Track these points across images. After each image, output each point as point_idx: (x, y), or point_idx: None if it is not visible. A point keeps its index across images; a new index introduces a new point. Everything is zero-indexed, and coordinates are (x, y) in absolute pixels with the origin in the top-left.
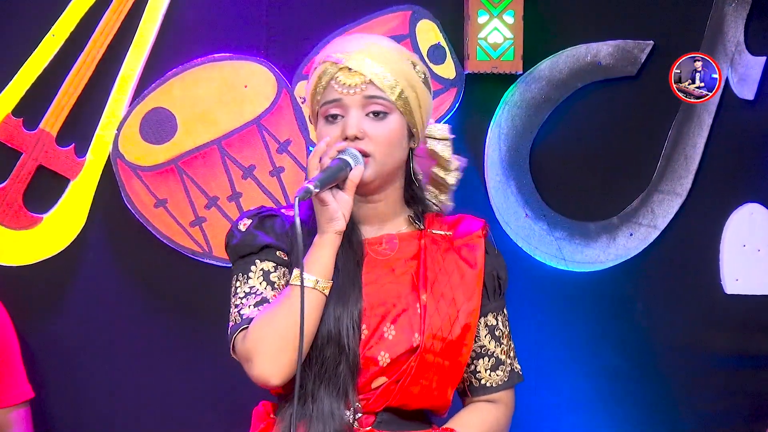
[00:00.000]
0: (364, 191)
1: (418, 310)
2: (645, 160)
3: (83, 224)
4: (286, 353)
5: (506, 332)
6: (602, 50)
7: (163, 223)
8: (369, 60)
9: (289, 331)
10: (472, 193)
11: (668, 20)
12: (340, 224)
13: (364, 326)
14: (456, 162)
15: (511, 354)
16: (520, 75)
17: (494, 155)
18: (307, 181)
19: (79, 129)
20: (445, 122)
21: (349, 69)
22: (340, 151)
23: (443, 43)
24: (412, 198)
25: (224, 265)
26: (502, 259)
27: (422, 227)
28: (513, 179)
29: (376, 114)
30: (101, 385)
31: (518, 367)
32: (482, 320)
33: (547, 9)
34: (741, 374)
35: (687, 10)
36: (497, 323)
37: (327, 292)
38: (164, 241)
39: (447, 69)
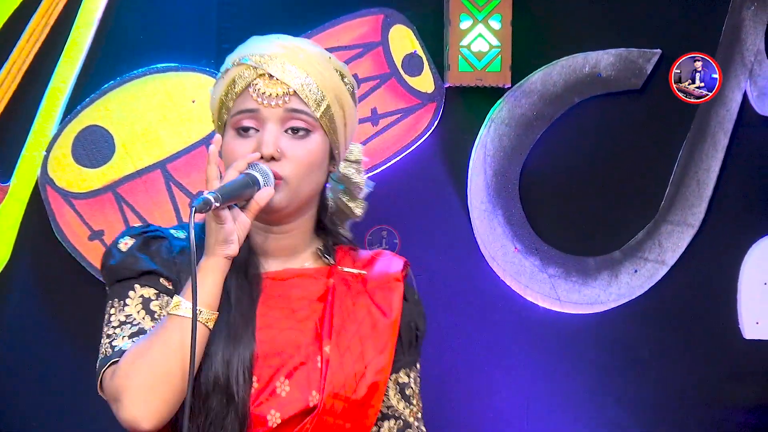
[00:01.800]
0: (271, 219)
1: (319, 364)
2: (652, 186)
3: (7, 259)
4: (159, 393)
5: (417, 391)
6: (602, 60)
7: (99, 258)
8: (293, 67)
9: (163, 366)
10: (453, 223)
11: (678, 26)
12: (233, 248)
13: (254, 377)
14: (365, 190)
15: (419, 416)
16: (509, 88)
17: (479, 180)
18: (206, 191)
19: (2, 150)
20: (421, 142)
21: (270, 76)
22: (249, 164)
23: (420, 52)
24: (323, 228)
25: None
26: (421, 307)
27: (332, 263)
28: (500, 208)
29: (295, 131)
30: None
31: (424, 430)
32: (393, 377)
33: (540, 13)
34: None
35: (699, 15)
36: (409, 381)
37: (211, 325)
38: (100, 278)
39: (424, 81)
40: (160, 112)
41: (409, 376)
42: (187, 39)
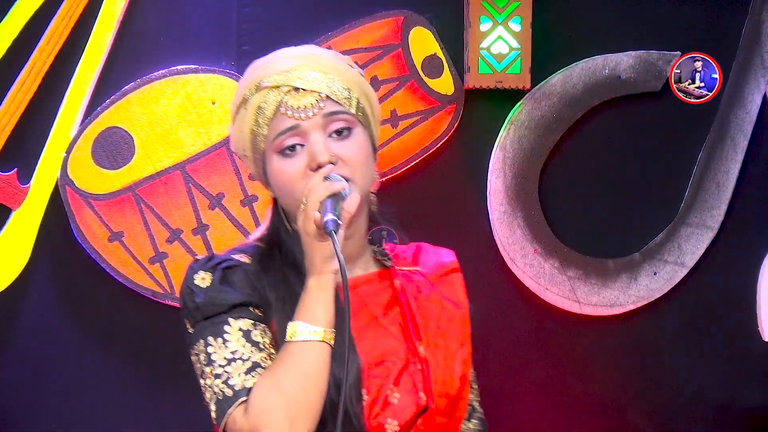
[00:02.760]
0: None
1: (418, 366)
2: (671, 189)
3: (27, 260)
4: (300, 422)
5: (474, 377)
6: (622, 62)
7: (119, 260)
8: (315, 73)
9: (300, 395)
10: (472, 225)
11: (697, 28)
12: (336, 264)
13: (363, 391)
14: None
15: (479, 399)
16: (528, 91)
17: (498, 182)
18: (324, 214)
19: (22, 151)
20: (441, 144)
21: (296, 89)
22: (325, 178)
23: (440, 54)
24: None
25: None
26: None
27: (390, 264)
28: (520, 210)
29: (339, 132)
30: None
31: (482, 412)
32: None
33: (559, 15)
34: None
35: (719, 17)
36: (471, 368)
37: (332, 343)
38: (120, 279)
39: (444, 83)
40: (180, 113)
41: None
42: (207, 41)
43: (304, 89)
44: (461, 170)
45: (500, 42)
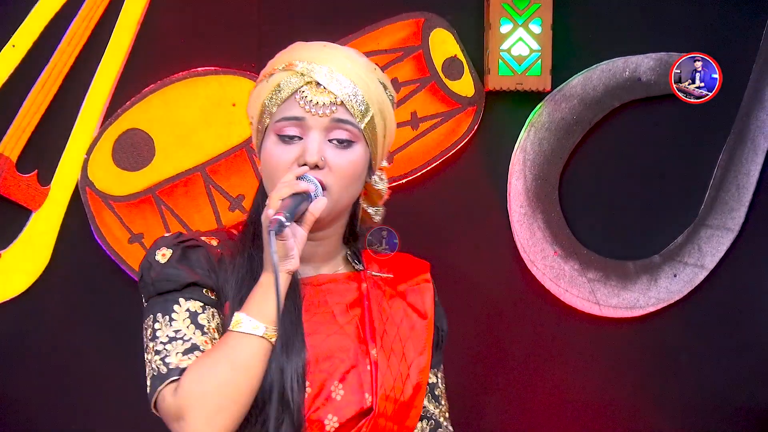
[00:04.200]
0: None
1: (368, 367)
2: (691, 191)
3: (47, 262)
4: (226, 413)
5: (444, 391)
6: (643, 64)
7: (139, 261)
8: (341, 76)
9: (231, 386)
10: (493, 227)
11: (717, 30)
12: (294, 263)
13: (307, 383)
14: (385, 198)
15: (447, 415)
16: (549, 93)
17: (519, 184)
18: (275, 212)
19: (42, 153)
20: (461, 146)
21: (318, 84)
22: (298, 177)
23: (460, 56)
24: (351, 235)
25: None
26: (442, 308)
27: (362, 268)
28: (540, 212)
29: (340, 141)
30: None
31: (452, 430)
32: None
33: (580, 17)
34: None
35: (739, 18)
36: (437, 381)
37: (274, 341)
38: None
39: (465, 85)
40: (200, 115)
41: (437, 377)
42: (228, 42)
43: (324, 87)
44: (481, 172)
45: (521, 44)
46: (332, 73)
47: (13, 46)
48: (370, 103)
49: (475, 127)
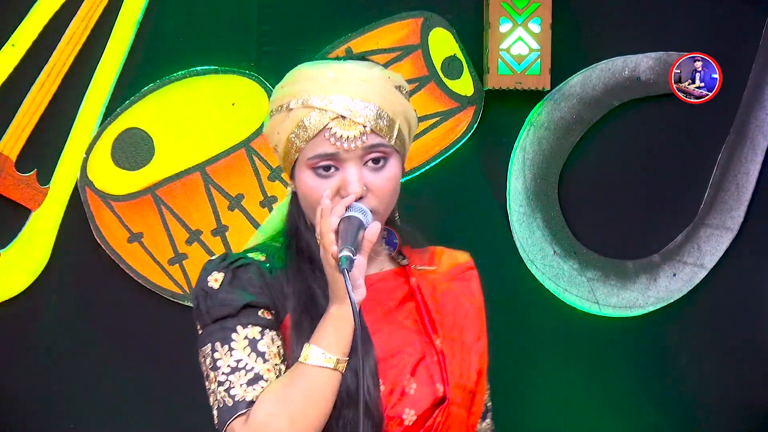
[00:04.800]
0: None
1: (435, 357)
2: (690, 190)
3: (46, 262)
4: None
5: (486, 374)
6: (642, 63)
7: (138, 261)
8: (364, 103)
9: (303, 418)
10: (492, 226)
11: (717, 30)
12: (362, 293)
13: (380, 381)
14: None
15: (490, 402)
16: (548, 92)
17: (518, 184)
18: (341, 249)
19: (42, 152)
20: (461, 145)
21: (343, 117)
22: (347, 207)
23: (460, 55)
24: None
25: None
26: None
27: (406, 262)
28: (539, 211)
29: (375, 161)
30: None
31: (491, 422)
32: None
33: (579, 17)
34: None
35: (738, 18)
36: (487, 361)
37: (343, 370)
38: (139, 280)
39: (464, 85)
40: (199, 114)
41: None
42: (227, 41)
43: (351, 120)
44: (481, 171)
45: (520, 43)
46: (353, 101)
47: (13, 45)
48: (394, 117)
49: (475, 126)
